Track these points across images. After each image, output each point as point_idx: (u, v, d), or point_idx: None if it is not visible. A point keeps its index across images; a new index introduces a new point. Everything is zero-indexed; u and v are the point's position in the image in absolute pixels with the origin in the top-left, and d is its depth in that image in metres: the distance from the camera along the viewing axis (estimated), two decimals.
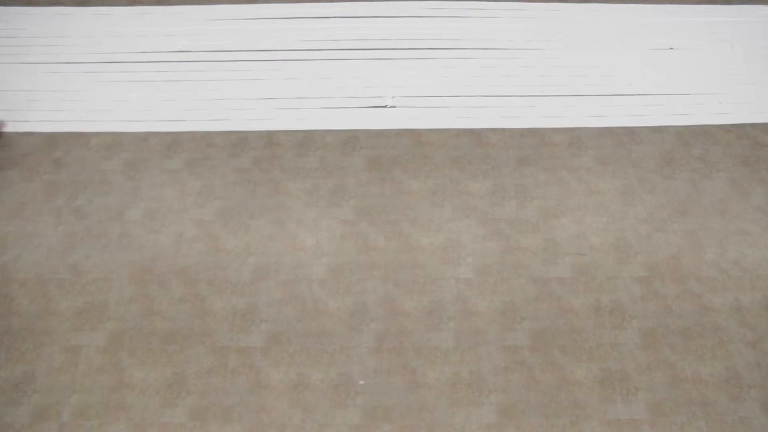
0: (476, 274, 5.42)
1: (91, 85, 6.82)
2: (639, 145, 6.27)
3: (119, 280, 5.41)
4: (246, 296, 5.32)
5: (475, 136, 6.37)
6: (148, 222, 5.75)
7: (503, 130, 6.41)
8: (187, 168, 6.14)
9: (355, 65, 6.97)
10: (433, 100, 6.64)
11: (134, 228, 5.71)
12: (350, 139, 6.34)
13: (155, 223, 5.74)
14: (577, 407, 4.78)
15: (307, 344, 5.08)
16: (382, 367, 4.97)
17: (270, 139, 6.35)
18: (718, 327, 5.15)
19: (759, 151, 6.20)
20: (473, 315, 5.21)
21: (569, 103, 6.61)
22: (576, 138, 6.33)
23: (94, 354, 5.04)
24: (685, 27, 7.32)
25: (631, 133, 6.38)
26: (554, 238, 5.63)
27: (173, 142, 6.36)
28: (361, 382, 4.90)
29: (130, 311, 5.24)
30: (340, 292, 5.34)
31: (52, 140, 6.37)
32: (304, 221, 5.76)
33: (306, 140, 6.35)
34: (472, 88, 6.74)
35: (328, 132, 6.41)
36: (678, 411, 4.76)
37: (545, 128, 6.42)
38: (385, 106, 6.61)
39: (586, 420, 4.72)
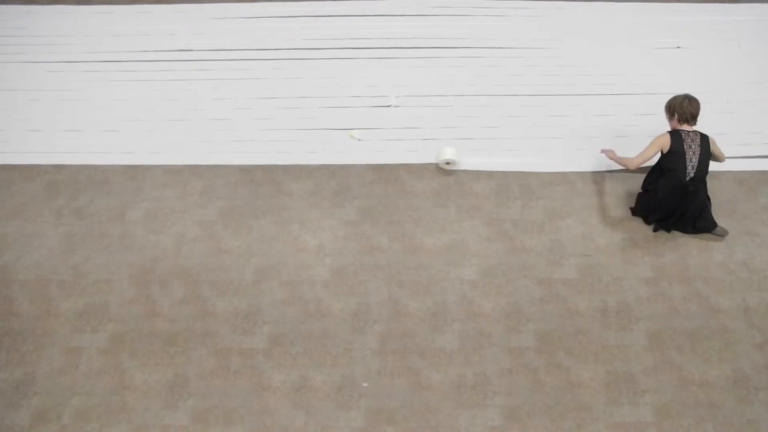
0: (481, 275, 5.38)
1: (91, 84, 6.79)
2: None
3: (120, 281, 5.38)
4: (248, 297, 5.28)
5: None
6: (149, 222, 5.72)
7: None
8: (188, 168, 6.10)
9: (359, 64, 6.93)
10: (437, 100, 6.60)
11: (135, 228, 5.68)
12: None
13: (156, 224, 5.71)
14: (582, 410, 4.75)
15: (310, 346, 5.04)
16: (386, 368, 4.94)
17: None
18: (726, 329, 5.11)
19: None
20: (478, 316, 5.17)
21: (575, 102, 6.57)
22: None
23: (94, 356, 5.00)
24: (691, 26, 7.28)
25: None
26: (560, 239, 5.59)
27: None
28: (365, 384, 4.87)
29: (131, 313, 5.21)
30: (343, 294, 5.30)
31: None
32: (306, 222, 5.72)
33: None
34: (476, 87, 6.70)
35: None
36: (685, 413, 4.73)
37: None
38: (389, 106, 6.57)
39: (592, 422, 4.69)
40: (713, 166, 5.59)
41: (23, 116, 6.52)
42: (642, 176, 5.72)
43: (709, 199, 5.56)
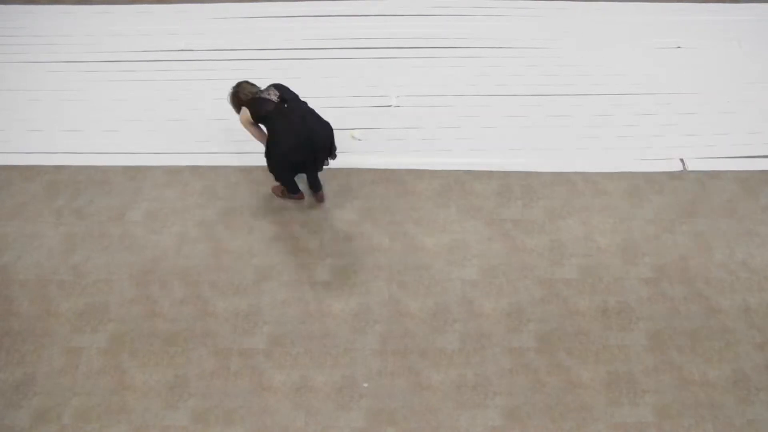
0: (482, 275, 5.38)
1: (91, 84, 6.78)
2: None
3: (120, 281, 5.37)
4: (248, 298, 5.27)
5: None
6: (149, 222, 5.71)
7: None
8: (188, 168, 6.09)
9: (360, 64, 6.93)
10: (438, 99, 6.59)
11: (135, 229, 5.67)
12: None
13: (157, 224, 5.70)
14: (583, 410, 4.74)
15: (311, 346, 5.04)
16: (386, 369, 4.93)
17: None
18: (726, 329, 5.11)
19: None
20: (478, 317, 5.16)
21: (575, 102, 6.56)
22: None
23: (94, 356, 4.99)
24: (692, 25, 7.28)
25: None
26: (560, 239, 5.58)
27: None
28: (365, 385, 4.86)
29: (131, 313, 5.20)
30: (344, 294, 5.29)
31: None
32: (307, 222, 5.71)
33: None
34: (477, 87, 6.70)
35: None
36: (685, 414, 4.72)
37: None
38: (390, 106, 6.57)
39: (592, 423, 4.68)
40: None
41: (23, 116, 6.52)
42: None
43: None
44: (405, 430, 4.67)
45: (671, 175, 6.00)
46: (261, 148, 6.31)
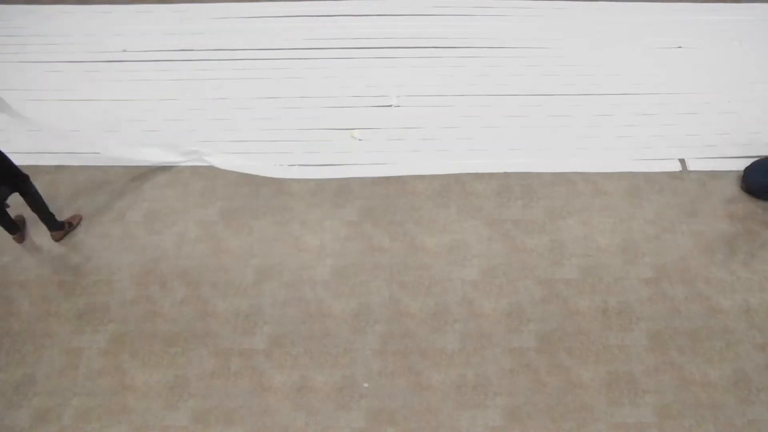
0: (482, 275, 5.38)
1: (91, 84, 6.78)
2: None
3: (120, 281, 5.37)
4: (249, 298, 5.27)
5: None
6: (149, 223, 5.71)
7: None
8: (188, 168, 6.09)
9: (360, 64, 6.92)
10: (438, 100, 6.59)
11: (136, 229, 5.67)
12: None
13: (157, 224, 5.70)
14: (583, 410, 4.74)
15: (311, 346, 5.04)
16: (387, 369, 4.93)
17: None
18: (727, 329, 5.11)
19: None
20: (479, 317, 5.16)
21: (575, 102, 6.56)
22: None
23: (95, 356, 5.00)
24: (692, 25, 7.28)
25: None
26: (560, 239, 5.58)
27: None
28: (365, 385, 4.86)
29: (131, 313, 5.20)
30: (344, 294, 5.29)
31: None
32: (307, 222, 5.71)
33: None
34: (477, 87, 6.70)
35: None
36: (686, 414, 4.72)
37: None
38: (390, 106, 6.56)
39: (593, 423, 4.68)
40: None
41: (23, 116, 6.52)
42: None
43: None
44: (405, 430, 4.67)
45: (671, 175, 5.99)
46: (262, 148, 6.32)
